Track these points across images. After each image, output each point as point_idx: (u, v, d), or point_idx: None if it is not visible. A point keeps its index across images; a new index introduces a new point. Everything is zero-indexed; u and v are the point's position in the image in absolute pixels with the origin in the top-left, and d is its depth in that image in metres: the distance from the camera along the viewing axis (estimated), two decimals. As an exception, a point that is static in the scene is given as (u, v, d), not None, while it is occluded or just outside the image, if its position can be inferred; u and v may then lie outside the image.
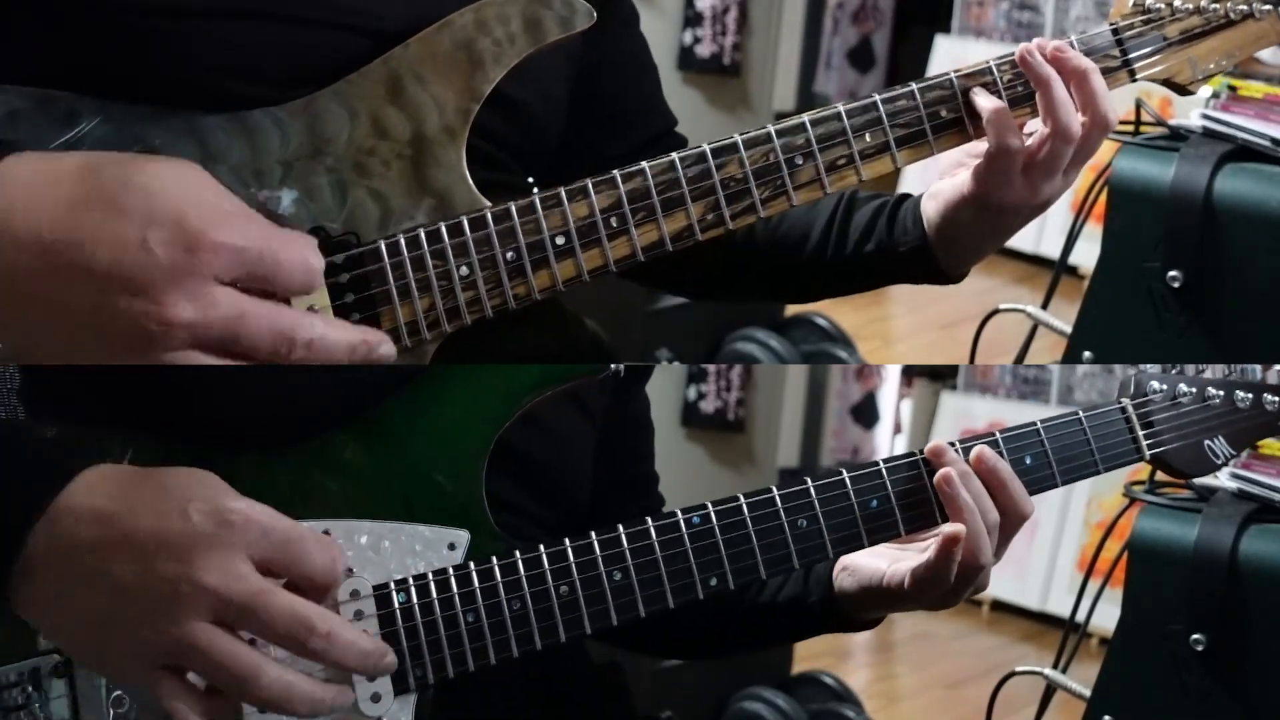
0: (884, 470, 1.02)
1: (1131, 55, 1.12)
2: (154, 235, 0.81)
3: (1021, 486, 1.04)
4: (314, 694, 0.84)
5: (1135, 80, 1.12)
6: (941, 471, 1.02)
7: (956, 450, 1.04)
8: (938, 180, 1.16)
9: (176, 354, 0.82)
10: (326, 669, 0.87)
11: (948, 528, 1.01)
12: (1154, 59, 1.13)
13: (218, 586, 0.81)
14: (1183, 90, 1.14)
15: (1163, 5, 1.13)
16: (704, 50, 3.67)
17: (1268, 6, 1.14)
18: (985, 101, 1.06)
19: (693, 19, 3.68)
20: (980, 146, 1.08)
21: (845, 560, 1.12)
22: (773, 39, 3.83)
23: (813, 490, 1.01)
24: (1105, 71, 1.10)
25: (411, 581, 0.92)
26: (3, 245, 0.81)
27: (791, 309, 3.32)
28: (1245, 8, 1.14)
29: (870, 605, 1.11)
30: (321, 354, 0.86)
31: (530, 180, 1.07)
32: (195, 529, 0.81)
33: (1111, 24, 1.12)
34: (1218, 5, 1.13)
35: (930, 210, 1.16)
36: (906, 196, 1.19)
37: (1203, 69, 1.14)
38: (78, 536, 0.82)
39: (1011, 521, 1.03)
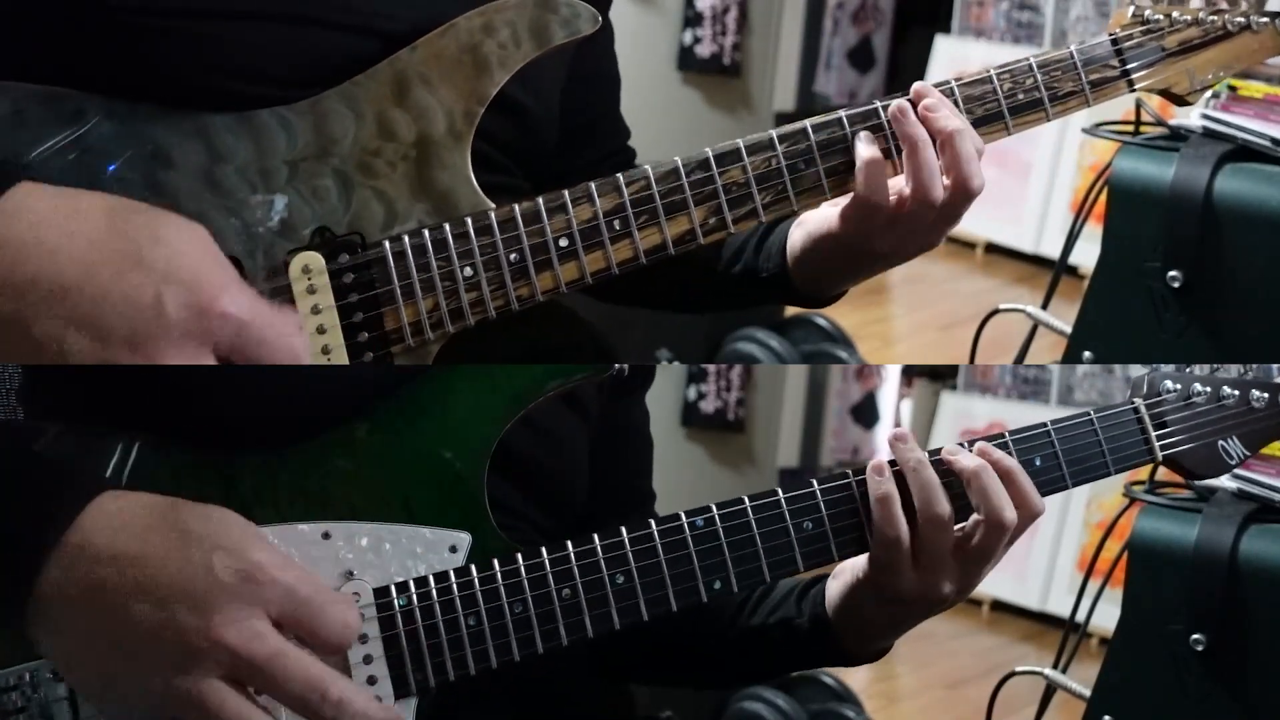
0: (888, 471, 1.02)
1: (1130, 65, 1.13)
2: (169, 294, 0.82)
3: (1030, 482, 1.02)
4: None
5: (1134, 90, 1.13)
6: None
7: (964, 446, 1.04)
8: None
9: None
10: None
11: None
12: (1152, 69, 1.14)
13: (235, 644, 0.80)
14: (1180, 100, 1.15)
15: (1161, 17, 1.14)
16: (704, 50, 3.66)
17: (1265, 19, 1.15)
18: (863, 150, 1.04)
19: (693, 19, 3.68)
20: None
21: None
22: (773, 39, 3.83)
23: (818, 492, 1.00)
24: (1104, 82, 1.11)
25: (412, 584, 0.92)
26: (13, 286, 0.81)
27: (792, 309, 3.32)
28: (1243, 20, 1.15)
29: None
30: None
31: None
32: (219, 582, 0.81)
33: (1111, 34, 1.13)
34: (1216, 17, 1.14)
35: (795, 239, 1.15)
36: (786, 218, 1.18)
37: (1200, 80, 1.15)
38: (96, 578, 0.81)
39: (1021, 518, 1.02)
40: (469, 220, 0.97)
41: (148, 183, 0.93)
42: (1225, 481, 1.42)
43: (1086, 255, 1.59)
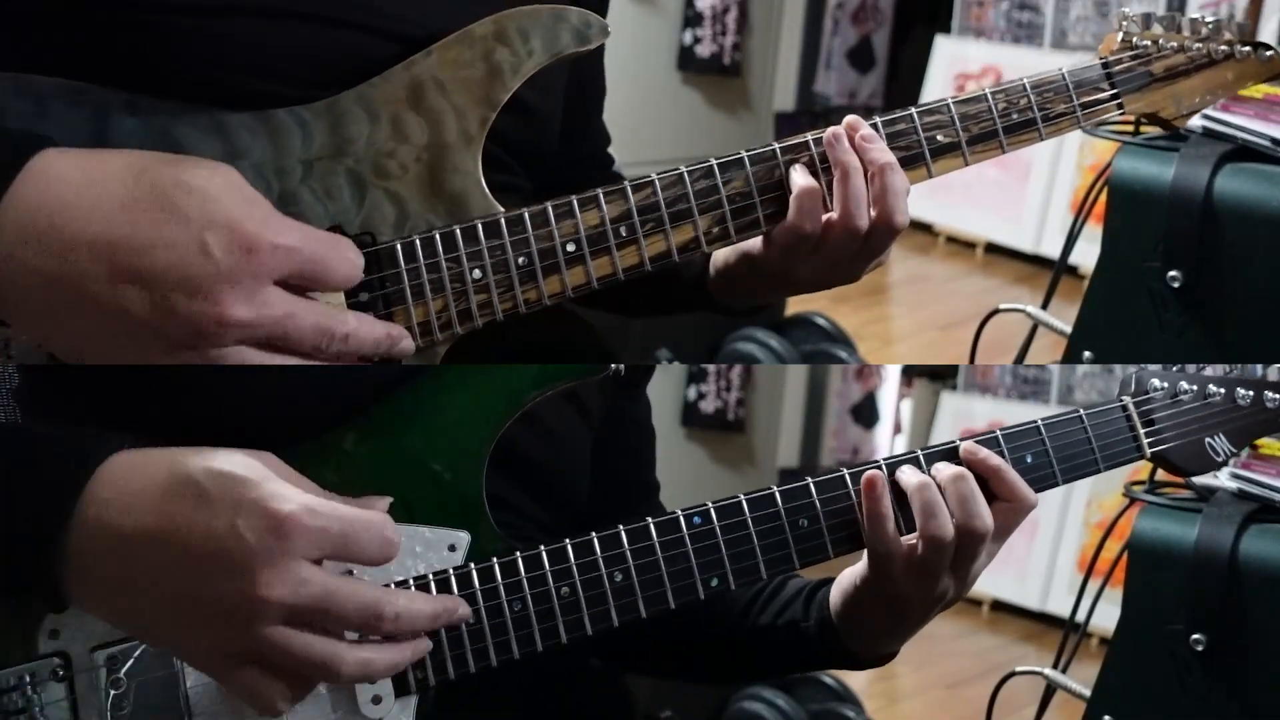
0: (884, 469, 1.02)
1: (1119, 90, 1.14)
2: (212, 238, 0.82)
3: (1017, 477, 1.03)
4: (391, 659, 0.86)
5: (1123, 113, 1.15)
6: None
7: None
8: None
9: (226, 351, 0.84)
10: None
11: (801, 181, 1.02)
12: (1140, 93, 1.15)
13: (285, 598, 0.81)
14: (1168, 125, 1.18)
15: (1149, 43, 1.16)
16: (704, 50, 3.67)
17: (1247, 49, 1.17)
18: (799, 179, 1.04)
19: (693, 19, 3.68)
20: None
21: None
22: (773, 39, 3.83)
23: (813, 489, 1.01)
24: (1094, 104, 1.12)
25: (412, 583, 0.92)
26: (55, 247, 0.81)
27: (791, 308, 3.33)
28: (1226, 49, 1.17)
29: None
30: (354, 347, 0.90)
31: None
32: (250, 546, 0.80)
33: (1101, 59, 1.15)
34: (1201, 45, 1.17)
35: (721, 253, 1.16)
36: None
37: (1187, 105, 1.17)
38: (124, 555, 0.81)
39: (1016, 510, 1.03)
40: (479, 223, 0.98)
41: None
42: (1225, 481, 1.42)
43: (1086, 255, 1.59)
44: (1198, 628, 1.36)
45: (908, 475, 1.02)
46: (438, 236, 0.97)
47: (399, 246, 0.96)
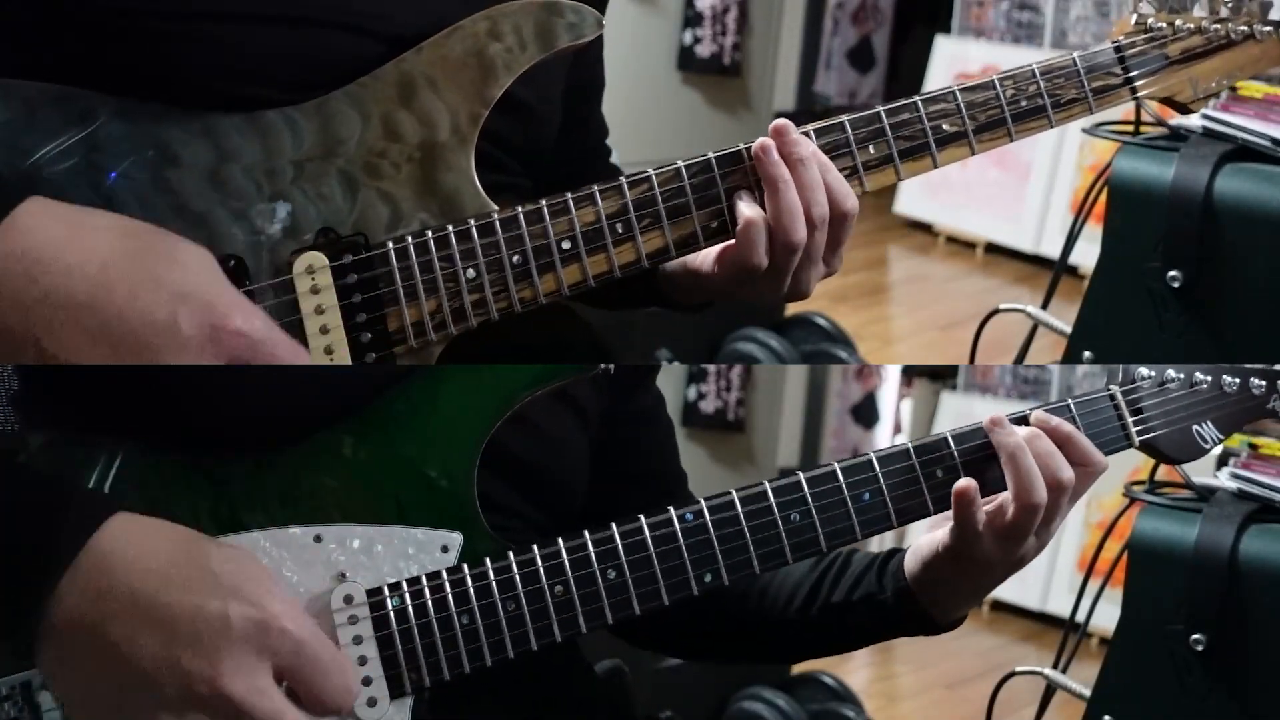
0: (875, 462, 1.02)
1: (1133, 73, 1.13)
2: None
3: (1087, 439, 1.05)
4: None
5: (1136, 98, 1.13)
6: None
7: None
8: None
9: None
10: None
11: (748, 210, 1.00)
12: (1155, 77, 1.13)
13: (239, 697, 0.80)
14: (1183, 109, 1.16)
15: (1164, 25, 1.14)
16: (704, 50, 3.67)
17: (1268, 28, 1.15)
18: (745, 209, 1.02)
19: (693, 19, 3.68)
20: None
21: None
22: (773, 39, 3.84)
23: (805, 484, 1.01)
24: (1107, 89, 1.11)
25: (405, 585, 0.92)
26: (26, 301, 0.82)
27: (791, 308, 3.33)
28: (1246, 29, 1.15)
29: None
30: None
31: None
32: (232, 631, 0.81)
33: (1114, 42, 1.13)
34: (1219, 26, 1.14)
35: (673, 264, 1.13)
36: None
37: (1203, 88, 1.15)
38: (109, 607, 0.81)
39: (1090, 474, 1.04)
40: (472, 222, 0.97)
41: (155, 182, 0.93)
42: (1225, 481, 1.41)
43: (1086, 255, 1.59)
44: (1198, 628, 1.36)
45: (1003, 438, 1.03)
46: (430, 236, 0.96)
47: (391, 247, 0.96)
